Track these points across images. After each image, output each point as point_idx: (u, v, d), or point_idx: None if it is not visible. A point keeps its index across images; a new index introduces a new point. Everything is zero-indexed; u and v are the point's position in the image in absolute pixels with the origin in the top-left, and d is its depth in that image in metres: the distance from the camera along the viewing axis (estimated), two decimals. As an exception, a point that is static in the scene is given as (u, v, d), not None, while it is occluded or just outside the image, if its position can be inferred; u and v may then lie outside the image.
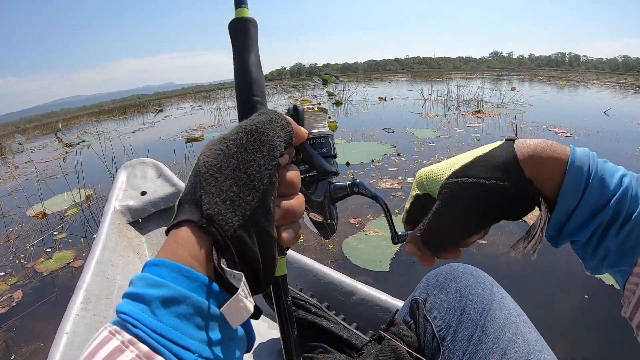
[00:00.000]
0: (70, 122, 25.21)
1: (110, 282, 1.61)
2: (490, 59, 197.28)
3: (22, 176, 7.33)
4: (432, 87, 17.81)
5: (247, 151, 0.42)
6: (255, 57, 0.63)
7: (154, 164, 2.32)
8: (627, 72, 78.80)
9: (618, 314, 0.55)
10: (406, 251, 0.58)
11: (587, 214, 0.50)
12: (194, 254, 0.37)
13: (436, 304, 0.87)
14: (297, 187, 0.49)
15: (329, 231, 0.66)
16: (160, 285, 0.34)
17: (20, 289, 2.85)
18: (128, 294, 0.35)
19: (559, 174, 0.51)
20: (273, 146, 0.44)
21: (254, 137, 0.43)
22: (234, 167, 0.41)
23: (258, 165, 0.42)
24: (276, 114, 0.48)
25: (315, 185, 0.63)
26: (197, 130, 9.72)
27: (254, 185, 0.41)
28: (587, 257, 0.55)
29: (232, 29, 0.63)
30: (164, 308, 0.33)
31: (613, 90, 17.10)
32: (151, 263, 0.37)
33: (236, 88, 0.62)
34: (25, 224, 4.27)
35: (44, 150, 11.36)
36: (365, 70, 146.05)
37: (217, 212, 0.38)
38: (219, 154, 0.42)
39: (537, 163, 0.51)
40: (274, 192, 0.44)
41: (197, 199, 0.39)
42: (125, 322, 0.32)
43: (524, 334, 0.75)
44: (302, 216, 0.50)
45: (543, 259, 2.60)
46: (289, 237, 0.47)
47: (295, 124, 0.50)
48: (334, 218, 0.66)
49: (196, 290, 0.35)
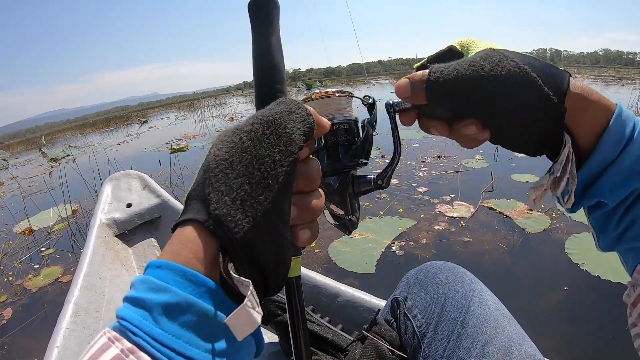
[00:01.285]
0: (55, 136, 24.97)
1: (99, 295, 1.62)
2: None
3: (8, 193, 7.24)
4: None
5: (262, 145, 0.38)
6: (276, 41, 0.59)
7: (138, 176, 2.33)
8: (608, 65, 79.58)
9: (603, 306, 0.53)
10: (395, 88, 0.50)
11: (625, 172, 0.46)
12: (200, 257, 0.34)
13: (416, 302, 0.89)
14: (316, 183, 0.45)
15: (349, 227, 0.60)
16: (163, 290, 0.31)
17: (10, 307, 2.83)
18: (129, 298, 0.32)
19: (600, 123, 0.46)
20: (291, 140, 0.40)
21: (270, 130, 0.39)
22: (246, 163, 0.37)
23: (273, 162, 0.38)
24: (296, 103, 0.43)
25: (338, 177, 0.57)
26: (182, 140, 9.67)
27: (268, 184, 0.37)
28: (607, 229, 0.50)
29: (251, 10, 0.59)
30: (167, 315, 0.31)
31: (594, 83, 17.30)
32: (154, 265, 0.34)
33: (254, 74, 0.58)
34: (12, 241, 4.23)
35: (29, 165, 11.25)
36: (348, 73, 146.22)
37: (225, 212, 0.35)
38: (231, 147, 0.38)
39: (583, 101, 0.46)
40: (291, 190, 0.40)
41: (204, 197, 0.36)
42: (126, 329, 0.30)
43: (504, 327, 0.76)
44: (320, 214, 0.46)
45: (528, 255, 2.65)
46: (306, 238, 0.43)
47: (317, 115, 0.45)
48: (355, 213, 0.60)
49: (202, 296, 0.32)
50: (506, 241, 2.81)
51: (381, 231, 3.15)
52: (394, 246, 2.91)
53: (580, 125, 0.46)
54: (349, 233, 0.62)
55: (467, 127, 0.48)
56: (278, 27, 0.59)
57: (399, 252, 2.83)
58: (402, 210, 3.50)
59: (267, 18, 0.58)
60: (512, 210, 3.28)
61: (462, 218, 3.26)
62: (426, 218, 3.33)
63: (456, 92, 0.46)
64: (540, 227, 2.97)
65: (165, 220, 2.22)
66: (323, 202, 0.45)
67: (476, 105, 0.46)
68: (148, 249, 2.13)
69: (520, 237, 2.87)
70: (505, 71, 0.44)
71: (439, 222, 3.23)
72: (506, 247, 2.73)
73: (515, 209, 3.30)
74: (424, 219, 3.30)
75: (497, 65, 0.45)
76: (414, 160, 5.11)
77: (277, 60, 0.58)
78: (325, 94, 0.55)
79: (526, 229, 2.96)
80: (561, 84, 0.45)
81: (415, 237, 3.02)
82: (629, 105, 7.67)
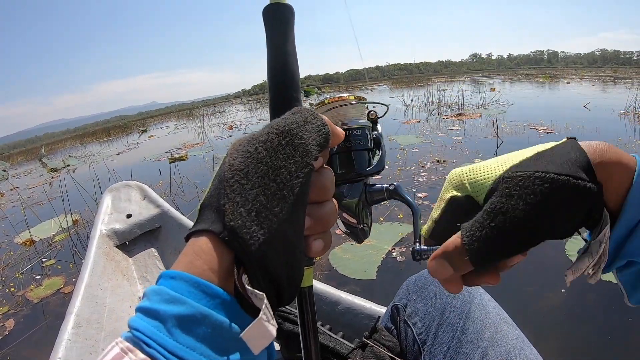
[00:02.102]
0: (55, 147, 25.01)
1: (100, 306, 1.62)
2: (470, 61, 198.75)
3: (8, 203, 7.26)
4: (414, 93, 17.91)
5: (277, 156, 0.38)
6: (292, 48, 0.58)
7: (138, 186, 2.33)
8: (605, 65, 79.57)
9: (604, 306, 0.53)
10: (429, 271, 0.45)
11: None
12: (214, 268, 0.33)
13: (416, 308, 0.89)
14: (330, 193, 0.44)
15: (361, 236, 0.60)
16: (177, 302, 0.31)
17: (12, 318, 2.83)
18: (142, 309, 0.32)
19: (624, 185, 0.42)
20: (307, 151, 0.39)
21: (285, 140, 0.38)
22: (262, 174, 0.36)
23: (289, 173, 0.37)
24: (311, 113, 0.43)
25: (350, 185, 0.57)
26: (182, 149, 9.68)
27: (283, 195, 0.36)
28: (638, 286, 0.47)
29: (266, 16, 0.57)
30: (181, 327, 0.30)
31: (592, 83, 17.38)
32: (167, 275, 0.33)
33: (269, 81, 0.57)
34: (14, 252, 4.23)
35: (29, 176, 11.25)
36: (346, 79, 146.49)
37: (240, 224, 0.34)
38: (247, 157, 0.37)
39: (606, 168, 0.42)
40: (306, 201, 0.40)
41: (219, 207, 0.35)
42: (139, 340, 0.30)
43: (505, 332, 0.76)
44: (334, 224, 0.45)
45: (528, 257, 2.62)
46: (319, 248, 0.43)
47: (332, 125, 0.44)
48: (368, 222, 0.59)
49: (216, 308, 0.32)
50: (506, 244, 2.79)
51: (381, 237, 3.15)
52: (394, 252, 2.91)
53: (607, 194, 0.42)
54: (360, 242, 0.62)
55: (513, 261, 0.44)
56: (293, 34, 0.58)
57: (399, 258, 2.82)
58: (401, 216, 3.50)
59: (283, 24, 0.57)
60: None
61: (463, 222, 3.23)
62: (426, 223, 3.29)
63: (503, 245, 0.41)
64: (540, 230, 2.94)
65: (166, 231, 2.22)
66: (336, 213, 0.44)
67: (523, 242, 0.41)
68: (149, 259, 2.13)
69: (520, 240, 2.84)
70: (540, 197, 0.40)
71: (439, 227, 3.20)
72: (505, 251, 2.70)
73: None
74: (424, 224, 3.27)
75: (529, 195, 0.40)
76: (414, 166, 5.10)
77: (293, 68, 0.57)
78: (338, 100, 0.55)
79: (526, 232, 2.93)
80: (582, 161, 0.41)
81: (416, 242, 2.99)
82: (627, 105, 7.73)
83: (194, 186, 5.52)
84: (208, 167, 6.78)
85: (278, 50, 0.56)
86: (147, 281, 2.04)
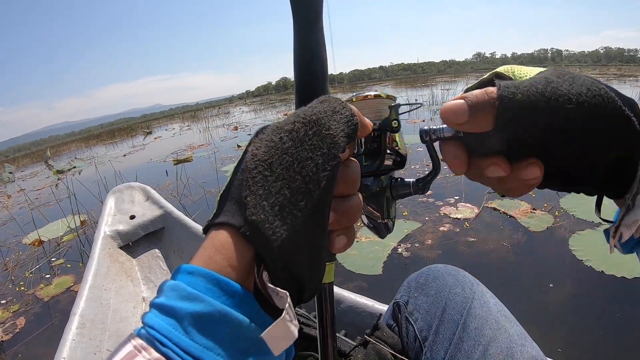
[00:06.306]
0: (60, 149, 25.13)
1: (104, 307, 1.63)
2: (474, 60, 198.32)
3: (16, 205, 7.30)
4: (418, 92, 17.89)
5: (303, 147, 0.35)
6: (320, 35, 0.55)
7: (141, 188, 2.35)
8: (610, 63, 79.01)
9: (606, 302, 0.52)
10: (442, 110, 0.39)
11: None
12: (234, 264, 0.32)
13: (417, 305, 0.89)
14: (356, 187, 0.41)
15: (384, 230, 0.58)
16: (195, 299, 0.29)
17: (23, 316, 2.86)
18: (157, 305, 0.30)
19: None
20: (334, 143, 0.36)
21: (312, 131, 0.36)
22: (287, 166, 0.34)
23: (315, 166, 0.34)
24: (340, 102, 0.40)
25: (376, 179, 0.55)
26: (187, 151, 9.69)
27: (309, 189, 0.34)
28: None
29: (294, 1, 0.55)
30: (198, 326, 0.29)
31: (597, 81, 17.34)
32: (185, 270, 0.31)
33: (295, 69, 0.55)
34: (22, 252, 4.26)
35: (35, 178, 11.33)
36: (350, 80, 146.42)
37: (263, 219, 0.32)
38: (271, 147, 0.35)
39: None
40: (332, 195, 0.37)
41: (240, 200, 0.33)
42: (154, 338, 0.28)
43: (506, 329, 0.75)
44: (359, 219, 0.43)
45: (532, 253, 2.65)
46: (342, 244, 0.41)
47: (361, 116, 0.41)
48: (392, 217, 0.58)
49: (235, 307, 0.30)
50: (510, 240, 2.81)
51: (387, 234, 3.15)
52: (399, 248, 2.92)
53: None
54: (383, 237, 0.60)
55: (527, 170, 0.38)
56: (321, 21, 0.56)
57: (405, 253, 2.83)
58: (406, 214, 3.51)
59: (310, 10, 0.54)
60: (516, 210, 3.28)
61: (467, 219, 3.26)
62: (431, 220, 3.33)
63: (532, 117, 0.35)
64: (544, 226, 2.97)
65: (169, 232, 2.23)
66: (361, 208, 0.42)
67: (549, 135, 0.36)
68: (152, 260, 2.14)
69: (524, 236, 2.87)
70: (585, 89, 0.35)
71: (443, 223, 3.23)
72: (510, 246, 2.73)
73: (518, 209, 3.30)
74: (428, 221, 3.30)
75: (574, 83, 0.35)
76: (418, 164, 5.09)
77: (321, 55, 0.55)
78: (366, 97, 0.53)
79: (530, 228, 2.96)
80: (634, 105, 0.36)
81: (421, 238, 3.02)
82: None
83: (200, 187, 5.52)
84: (213, 168, 6.78)
85: (305, 37, 0.55)
86: (151, 282, 2.06)
